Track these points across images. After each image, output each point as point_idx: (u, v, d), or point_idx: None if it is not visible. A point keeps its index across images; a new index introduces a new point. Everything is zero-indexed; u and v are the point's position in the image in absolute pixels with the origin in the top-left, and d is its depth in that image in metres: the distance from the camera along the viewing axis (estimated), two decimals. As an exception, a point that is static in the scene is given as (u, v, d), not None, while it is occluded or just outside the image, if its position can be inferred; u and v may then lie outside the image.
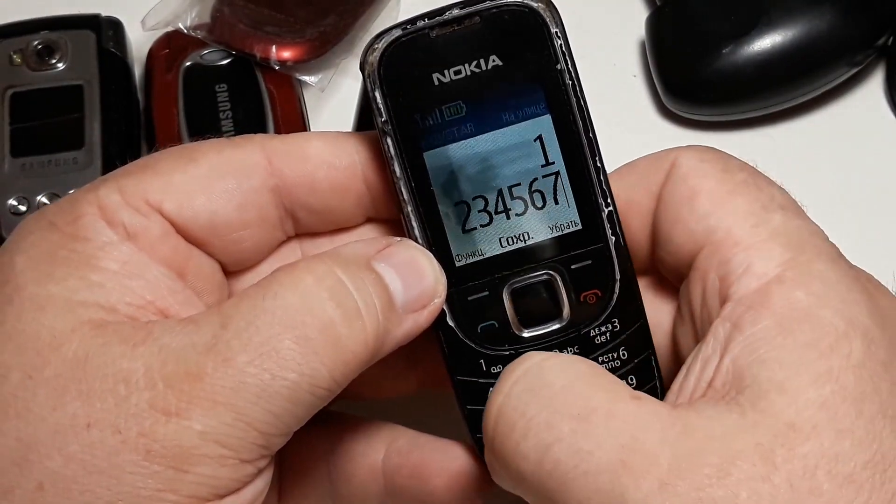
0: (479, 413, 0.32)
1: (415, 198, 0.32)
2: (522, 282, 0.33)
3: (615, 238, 0.33)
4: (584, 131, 0.32)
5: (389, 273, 0.31)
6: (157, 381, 0.27)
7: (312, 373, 0.28)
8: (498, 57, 0.32)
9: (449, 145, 0.32)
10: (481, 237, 0.33)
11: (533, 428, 0.28)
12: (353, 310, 0.29)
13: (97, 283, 0.29)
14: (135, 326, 0.29)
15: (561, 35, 0.32)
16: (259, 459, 0.29)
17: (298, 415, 0.29)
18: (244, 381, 0.28)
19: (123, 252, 0.30)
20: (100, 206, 0.31)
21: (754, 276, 0.30)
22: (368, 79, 0.32)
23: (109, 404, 0.27)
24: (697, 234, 0.31)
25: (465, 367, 0.33)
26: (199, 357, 0.28)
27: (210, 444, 0.27)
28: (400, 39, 0.32)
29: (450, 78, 0.32)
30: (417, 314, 0.32)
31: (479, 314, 0.33)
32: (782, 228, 0.30)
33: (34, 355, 0.28)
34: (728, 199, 0.31)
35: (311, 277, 0.29)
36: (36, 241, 0.30)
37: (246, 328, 0.28)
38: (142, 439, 0.27)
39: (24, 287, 0.29)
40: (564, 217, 0.33)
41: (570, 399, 0.28)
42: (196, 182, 0.32)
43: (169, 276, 0.31)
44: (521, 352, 0.32)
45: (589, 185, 0.33)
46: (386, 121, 0.32)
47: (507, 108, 0.32)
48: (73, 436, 0.27)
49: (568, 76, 0.32)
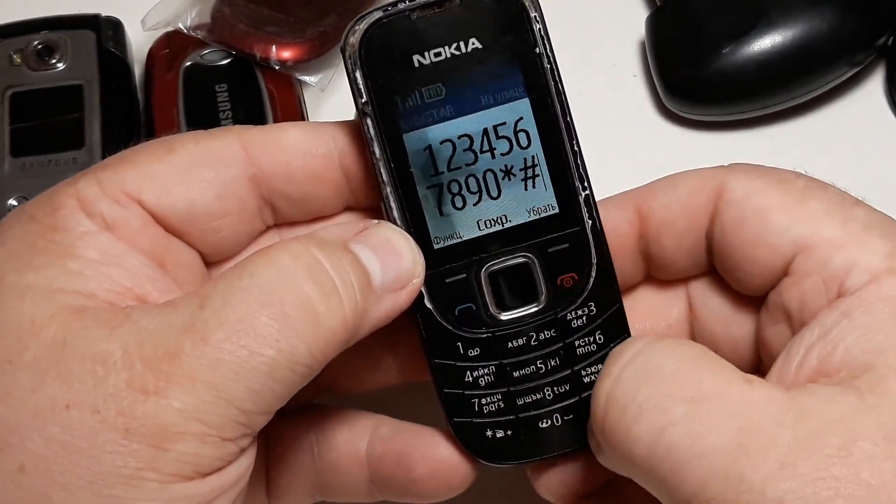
0: (456, 396, 0.33)
1: (394, 179, 0.33)
2: (500, 264, 0.33)
3: (591, 222, 0.33)
4: (562, 115, 0.33)
5: (366, 253, 0.31)
6: (134, 362, 0.28)
7: (291, 349, 0.28)
8: (477, 40, 0.32)
9: (428, 127, 0.32)
10: (459, 219, 0.33)
11: (645, 411, 0.28)
12: (331, 287, 0.29)
13: (76, 271, 0.30)
14: (113, 311, 0.29)
15: (539, 19, 0.32)
16: (241, 438, 0.29)
17: (279, 392, 0.29)
18: (222, 357, 0.28)
19: (102, 241, 0.31)
20: (78, 199, 0.31)
21: (863, 270, 0.30)
22: (349, 60, 0.32)
23: (88, 385, 0.27)
24: (783, 248, 0.31)
25: (442, 349, 0.34)
26: (177, 336, 0.28)
27: (190, 421, 0.27)
28: (381, 21, 0.32)
29: (430, 60, 0.32)
30: (396, 294, 0.32)
31: (456, 296, 0.33)
32: (870, 221, 0.31)
33: (14, 341, 0.28)
34: (801, 206, 0.32)
35: (288, 256, 0.29)
36: (16, 233, 0.31)
37: (223, 307, 0.28)
38: (120, 418, 0.27)
39: (4, 277, 0.29)
40: (541, 200, 0.33)
41: (683, 382, 0.28)
42: (174, 172, 0.32)
43: (148, 264, 0.31)
44: (497, 334, 0.32)
45: (566, 168, 0.33)
46: (366, 102, 0.32)
47: (486, 90, 0.32)
48: (53, 417, 0.27)
49: (546, 60, 0.32)
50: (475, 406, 0.34)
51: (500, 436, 0.34)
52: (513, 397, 0.34)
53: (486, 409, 0.34)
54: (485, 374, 0.34)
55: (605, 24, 0.58)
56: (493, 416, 0.34)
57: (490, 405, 0.34)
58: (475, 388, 0.34)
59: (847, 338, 0.29)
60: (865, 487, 0.26)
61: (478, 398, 0.34)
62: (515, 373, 0.34)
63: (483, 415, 0.34)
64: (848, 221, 0.31)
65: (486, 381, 0.34)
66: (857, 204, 0.32)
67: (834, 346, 0.29)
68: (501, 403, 0.34)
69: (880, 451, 0.26)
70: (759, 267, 0.32)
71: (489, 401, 0.34)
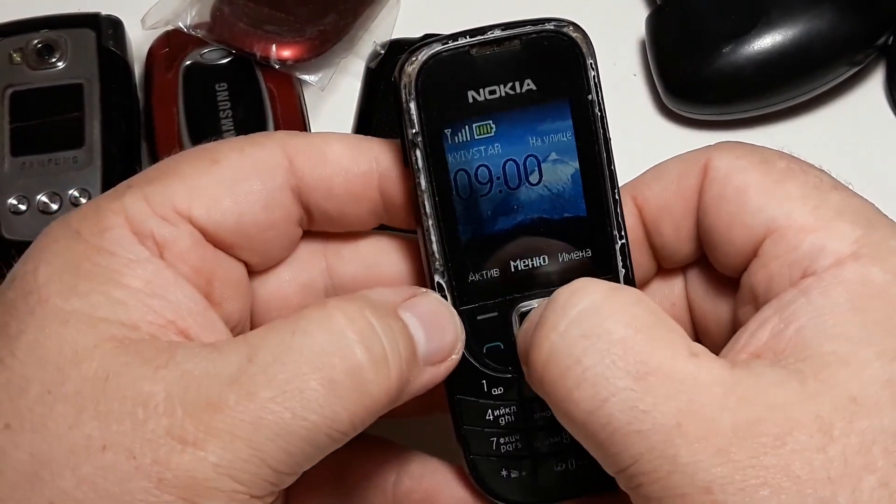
0: (476, 433, 0.33)
1: (437, 212, 0.32)
2: (531, 306, 0.33)
3: (625, 271, 0.33)
4: (607, 164, 0.33)
5: (414, 323, 0.31)
6: (176, 408, 0.27)
7: (333, 416, 0.28)
8: (532, 81, 0.32)
9: (475, 164, 0.32)
10: (496, 258, 0.33)
11: (589, 378, 0.28)
12: (381, 356, 0.29)
13: (120, 300, 0.29)
14: (158, 347, 0.28)
15: (594, 67, 0.33)
16: (268, 496, 0.28)
17: (312, 456, 0.29)
18: (265, 417, 0.27)
19: (148, 270, 0.30)
20: (127, 218, 0.30)
21: (829, 254, 0.30)
22: (404, 89, 0.32)
23: (126, 427, 0.27)
24: (756, 228, 0.31)
25: (466, 386, 0.33)
26: (223, 388, 0.27)
27: (223, 477, 0.27)
28: (440, 54, 0.32)
29: (484, 96, 0.32)
30: (436, 367, 0.31)
31: (486, 334, 0.33)
32: (844, 206, 0.31)
33: (55, 370, 0.28)
34: (777, 187, 0.31)
35: (343, 318, 0.29)
36: (60, 250, 0.30)
37: (272, 363, 0.28)
38: (155, 466, 0.27)
39: (48, 299, 0.29)
40: (579, 246, 0.33)
41: (629, 353, 0.28)
42: (221, 185, 0.32)
43: (191, 296, 0.31)
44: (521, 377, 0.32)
45: (605, 216, 0.33)
46: (417, 132, 0.32)
47: (536, 132, 0.32)
48: (88, 457, 0.27)
49: (597, 107, 0.33)
50: (493, 445, 0.34)
51: (514, 476, 0.34)
52: (531, 439, 0.34)
53: (504, 448, 0.34)
54: (506, 414, 0.34)
55: (605, 24, 0.58)
56: (509, 457, 0.34)
57: (508, 445, 0.34)
58: (495, 427, 0.34)
59: (801, 317, 0.29)
60: (793, 479, 0.26)
61: (496, 437, 0.34)
62: (536, 414, 0.33)
63: (500, 454, 0.34)
64: (821, 206, 0.31)
65: (506, 420, 0.34)
66: (836, 188, 0.31)
67: (787, 324, 0.29)
68: (519, 444, 0.34)
69: (814, 442, 0.26)
70: (734, 247, 0.32)
71: (507, 440, 0.34)
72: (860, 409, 0.27)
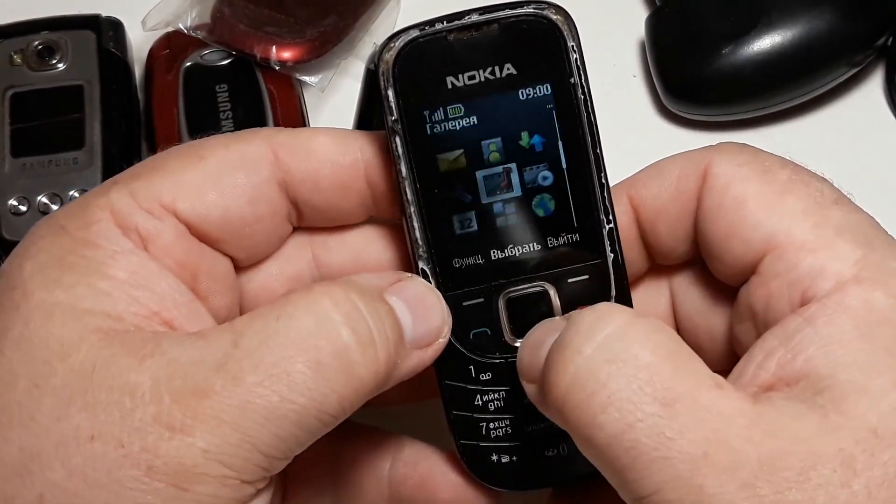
0: (465, 419, 0.33)
1: (419, 199, 0.32)
2: (518, 291, 0.33)
3: (613, 255, 0.33)
4: (592, 147, 0.32)
5: (400, 306, 0.31)
6: (163, 395, 0.27)
7: (322, 398, 0.28)
8: (513, 65, 0.32)
9: (456, 150, 0.32)
10: (481, 244, 0.33)
11: (615, 403, 0.27)
12: (367, 337, 0.29)
13: (104, 292, 0.29)
14: (143, 338, 0.29)
15: (577, 49, 0.32)
16: (259, 480, 0.29)
17: (302, 439, 0.29)
18: (252, 401, 0.27)
19: (133, 262, 0.30)
20: (112, 211, 0.31)
21: (830, 277, 0.29)
22: (382, 77, 0.32)
23: (114, 417, 0.27)
24: (755, 244, 0.31)
25: (454, 371, 0.33)
26: (209, 374, 0.27)
27: (212, 463, 0.27)
28: (417, 40, 0.32)
29: (463, 82, 0.32)
30: (423, 351, 0.32)
31: (472, 320, 0.33)
32: (845, 224, 0.30)
33: (41, 364, 0.28)
34: (778, 201, 0.31)
35: (329, 301, 0.29)
36: (46, 245, 0.30)
37: (258, 347, 0.28)
38: (144, 454, 0.27)
39: (32, 293, 0.29)
40: (565, 230, 0.33)
41: (655, 378, 0.27)
42: (206, 179, 0.32)
43: (176, 288, 0.31)
44: (510, 360, 0.32)
45: (592, 200, 0.33)
46: (396, 119, 0.32)
47: (517, 117, 0.32)
48: (76, 448, 0.27)
49: (580, 90, 0.32)
50: (483, 430, 0.34)
51: (505, 461, 0.34)
52: (520, 424, 0.34)
53: (494, 433, 0.34)
54: (494, 399, 0.34)
55: (605, 24, 0.58)
56: (499, 441, 0.34)
57: (498, 430, 0.34)
58: (484, 412, 0.34)
59: (809, 347, 0.28)
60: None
61: (486, 422, 0.34)
62: (525, 399, 0.33)
63: (490, 439, 0.34)
64: (821, 224, 0.30)
65: (495, 405, 0.34)
66: (836, 202, 0.31)
67: (794, 355, 0.29)
68: (509, 429, 0.34)
69: (837, 477, 0.26)
70: (733, 258, 0.32)
71: (497, 426, 0.34)
72: (881, 441, 0.27)
